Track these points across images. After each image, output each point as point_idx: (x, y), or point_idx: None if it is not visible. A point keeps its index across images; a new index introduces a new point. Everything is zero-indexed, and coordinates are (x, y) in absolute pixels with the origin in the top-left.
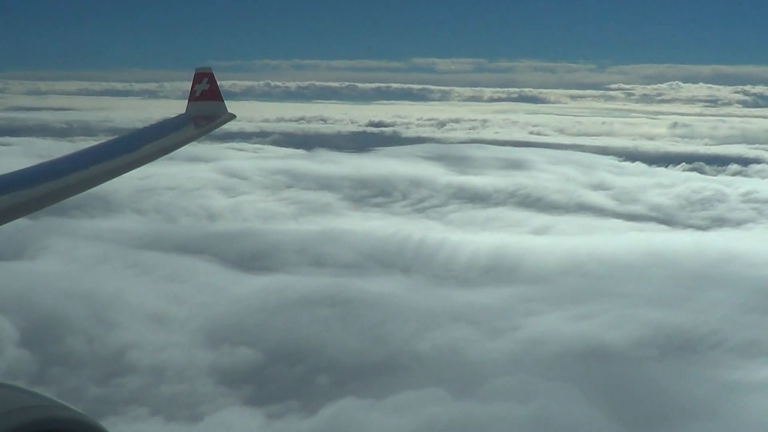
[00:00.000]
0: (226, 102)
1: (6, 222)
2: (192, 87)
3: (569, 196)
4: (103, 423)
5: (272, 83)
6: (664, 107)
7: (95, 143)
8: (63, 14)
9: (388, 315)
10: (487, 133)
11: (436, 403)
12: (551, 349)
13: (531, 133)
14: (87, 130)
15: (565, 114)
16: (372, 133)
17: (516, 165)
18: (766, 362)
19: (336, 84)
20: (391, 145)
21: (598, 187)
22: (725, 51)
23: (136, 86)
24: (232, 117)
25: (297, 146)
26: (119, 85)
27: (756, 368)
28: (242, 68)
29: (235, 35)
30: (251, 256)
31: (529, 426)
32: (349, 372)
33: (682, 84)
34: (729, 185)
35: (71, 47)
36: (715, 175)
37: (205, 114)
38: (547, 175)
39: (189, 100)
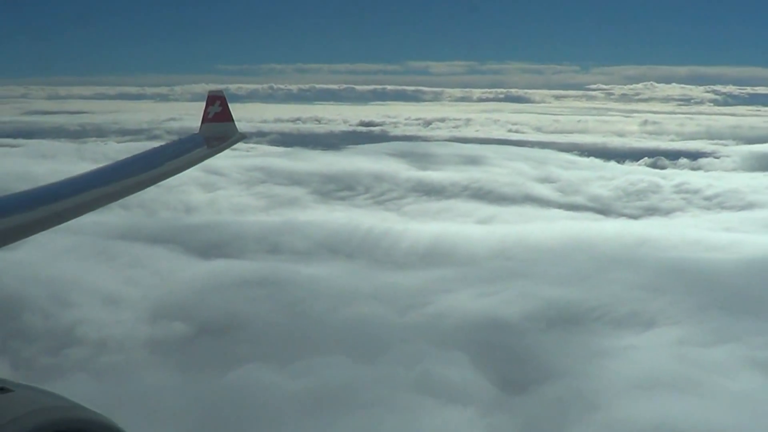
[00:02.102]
0: (232, 105)
1: (25, 237)
2: (205, 109)
3: (517, 189)
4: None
5: (275, 86)
6: (641, 106)
7: (107, 163)
8: (83, 23)
9: (312, 294)
10: (469, 131)
11: (336, 367)
12: (451, 322)
13: (509, 131)
14: (99, 132)
15: (546, 113)
16: (361, 132)
17: (474, 161)
18: (637, 332)
19: (335, 86)
20: (376, 143)
21: (545, 180)
22: (701, 52)
23: (149, 90)
24: (243, 137)
25: (291, 145)
26: (133, 89)
27: (625, 336)
28: (249, 72)
29: (242, 41)
30: (213, 245)
31: (409, 385)
32: (265, 342)
33: (656, 84)
34: (665, 177)
35: (90, 54)
36: (664, 169)
37: (217, 135)
38: (501, 169)
39: (202, 122)
